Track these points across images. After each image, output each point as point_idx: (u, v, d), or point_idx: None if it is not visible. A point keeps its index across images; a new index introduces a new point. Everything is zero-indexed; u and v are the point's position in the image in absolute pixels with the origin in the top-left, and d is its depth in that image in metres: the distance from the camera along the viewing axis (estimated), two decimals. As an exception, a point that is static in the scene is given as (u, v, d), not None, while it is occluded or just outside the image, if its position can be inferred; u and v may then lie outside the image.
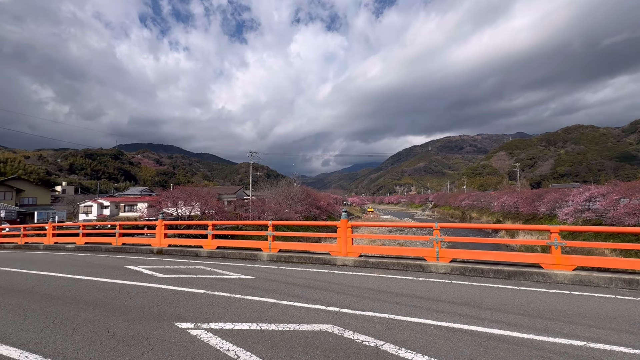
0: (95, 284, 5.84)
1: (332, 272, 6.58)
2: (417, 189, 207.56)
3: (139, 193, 62.89)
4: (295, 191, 46.36)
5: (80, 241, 11.91)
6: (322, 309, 4.21)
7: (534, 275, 5.81)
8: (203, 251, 9.06)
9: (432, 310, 4.14)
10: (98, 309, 4.35)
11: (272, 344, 3.17)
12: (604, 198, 27.24)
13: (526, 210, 40.95)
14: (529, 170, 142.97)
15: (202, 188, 40.79)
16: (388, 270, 6.72)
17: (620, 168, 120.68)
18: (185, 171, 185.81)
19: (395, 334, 3.40)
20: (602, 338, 3.28)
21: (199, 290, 5.17)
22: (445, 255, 6.67)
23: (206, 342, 3.23)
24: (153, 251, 9.80)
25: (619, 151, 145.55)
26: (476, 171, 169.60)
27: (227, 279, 6.07)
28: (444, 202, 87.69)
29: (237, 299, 4.71)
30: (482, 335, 3.37)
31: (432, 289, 5.23)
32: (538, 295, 4.85)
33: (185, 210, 27.96)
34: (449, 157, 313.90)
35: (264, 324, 3.69)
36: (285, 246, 8.41)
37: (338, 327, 3.58)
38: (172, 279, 6.11)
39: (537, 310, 4.15)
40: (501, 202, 50.15)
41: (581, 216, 28.91)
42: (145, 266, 7.47)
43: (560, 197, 34.27)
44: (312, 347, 3.11)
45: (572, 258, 5.84)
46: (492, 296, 4.81)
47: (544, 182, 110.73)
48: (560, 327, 3.59)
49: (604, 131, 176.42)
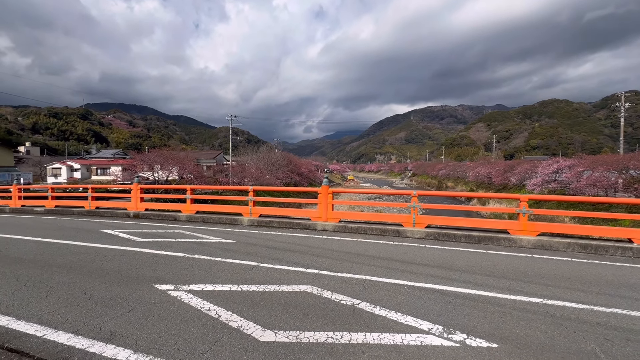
0: (69, 247, 5.68)
1: (312, 237, 6.74)
2: (397, 157, 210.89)
3: (111, 156, 60.16)
4: (277, 157, 45.88)
5: (50, 204, 11.40)
6: (301, 271, 4.34)
7: (501, 240, 6.20)
8: (182, 215, 8.94)
9: (406, 272, 4.37)
10: (73, 271, 4.27)
11: (252, 304, 3.26)
12: (569, 170, 28.86)
13: (498, 181, 42.91)
14: (504, 142, 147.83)
15: (179, 152, 39.48)
16: (367, 235, 6.95)
17: (587, 142, 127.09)
18: (161, 134, 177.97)
19: (371, 293, 3.58)
20: (556, 295, 3.61)
21: (179, 254, 5.16)
22: (421, 222, 6.94)
23: (187, 302, 3.27)
24: (129, 215, 9.57)
25: (588, 126, 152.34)
26: (455, 142, 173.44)
27: (207, 242, 6.08)
28: (422, 171, 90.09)
29: (217, 261, 4.75)
30: (451, 294, 3.61)
31: (407, 253, 5.49)
32: (504, 259, 5.21)
33: (162, 174, 27.19)
34: (430, 127, 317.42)
35: (244, 285, 3.77)
36: (266, 211, 8.44)
37: (317, 287, 3.72)
38: (150, 242, 6.05)
39: (501, 272, 4.47)
40: (476, 173, 52.13)
41: (548, 187, 30.69)
42: (122, 230, 7.32)
43: (530, 169, 35.98)
44: (292, 305, 3.23)
45: (536, 225, 6.25)
46: (462, 259, 5.12)
47: (517, 154, 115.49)
48: (521, 286, 3.90)
49: (577, 106, 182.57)
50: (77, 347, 2.46)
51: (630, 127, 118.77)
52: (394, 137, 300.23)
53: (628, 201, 7.84)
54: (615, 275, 4.43)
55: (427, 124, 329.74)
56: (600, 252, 5.66)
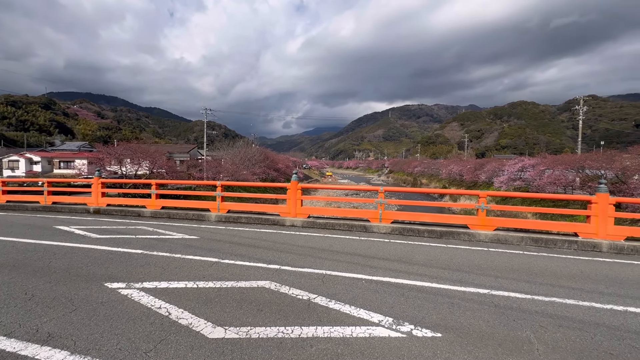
0: (15, 244, 5.31)
1: (280, 232, 6.70)
2: (375, 154, 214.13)
3: (77, 148, 56.76)
4: (253, 152, 45.24)
5: (0, 199, 10.61)
6: (263, 267, 4.31)
7: (461, 235, 6.46)
8: (146, 211, 8.61)
9: (366, 267, 4.45)
10: (16, 270, 4.00)
11: (206, 301, 3.20)
12: (533, 169, 30.57)
13: (469, 178, 44.74)
14: (476, 142, 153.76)
15: (150, 145, 37.95)
16: (334, 231, 7.01)
17: (551, 143, 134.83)
18: (132, 126, 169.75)
19: (329, 287, 3.62)
20: (503, 286, 3.81)
21: (137, 251, 4.97)
22: (388, 217, 7.09)
23: (137, 300, 3.16)
24: (89, 211, 9.09)
25: (552, 127, 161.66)
26: (430, 140, 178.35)
27: (169, 239, 5.89)
28: (398, 168, 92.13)
29: (176, 258, 4.62)
30: (406, 287, 3.72)
31: (371, 247, 5.60)
32: (461, 252, 5.44)
33: (131, 168, 26.07)
34: (407, 125, 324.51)
35: (201, 282, 3.70)
36: (235, 207, 8.30)
37: (276, 283, 3.71)
38: (108, 239, 5.78)
39: (457, 265, 4.66)
40: (448, 170, 54.07)
41: (513, 184, 32.35)
42: (78, 226, 6.94)
43: (498, 167, 37.79)
44: (247, 302, 3.20)
45: (493, 220, 6.56)
46: (422, 253, 5.29)
47: (487, 152, 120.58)
48: (472, 278, 4.08)
49: (543, 108, 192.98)
50: (7, 351, 2.31)
51: (589, 129, 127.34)
52: (372, 134, 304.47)
53: (582, 198, 8.39)
54: (559, 267, 4.74)
55: (405, 122, 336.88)
56: (550, 245, 6.04)
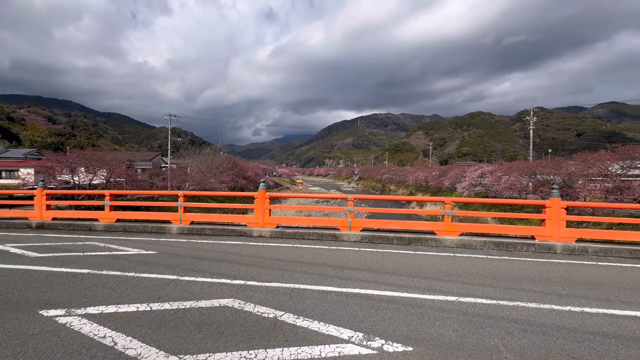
0: None
1: (246, 244, 6.40)
2: (345, 162, 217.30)
3: (22, 156, 51.72)
4: (221, 160, 43.94)
5: None
6: (226, 283, 4.03)
7: (429, 241, 6.57)
8: (99, 225, 7.88)
9: (336, 278, 4.32)
10: None
11: (160, 325, 2.88)
12: (491, 175, 32.52)
13: (434, 184, 46.65)
14: (440, 149, 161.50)
15: (108, 152, 35.53)
16: (304, 240, 6.84)
17: (506, 150, 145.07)
18: (89, 132, 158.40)
19: (297, 303, 3.43)
20: (470, 293, 3.85)
21: (83, 270, 4.45)
22: (357, 225, 7.06)
23: (77, 330, 2.77)
24: (31, 226, 8.15)
25: (507, 136, 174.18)
26: (397, 148, 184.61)
27: (122, 255, 5.38)
28: (368, 175, 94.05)
29: (129, 277, 4.19)
30: (376, 298, 3.64)
31: (341, 257, 5.49)
32: (429, 259, 5.49)
33: (85, 178, 24.14)
34: (375, 133, 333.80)
35: (155, 303, 3.35)
36: (199, 218, 7.85)
37: (240, 300, 3.46)
38: (50, 258, 5.15)
39: (425, 272, 4.68)
40: (415, 177, 56.07)
41: (474, 190, 34.16)
42: (15, 244, 6.15)
43: (460, 173, 39.79)
44: (207, 324, 2.93)
45: (458, 225, 6.76)
46: (392, 261, 5.27)
47: (450, 159, 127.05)
48: (440, 285, 4.10)
49: (498, 118, 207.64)
50: None
51: (538, 138, 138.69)
52: (342, 142, 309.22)
53: (537, 203, 8.94)
54: (520, 270, 4.92)
55: (373, 130, 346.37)
56: (510, 248, 6.31)
